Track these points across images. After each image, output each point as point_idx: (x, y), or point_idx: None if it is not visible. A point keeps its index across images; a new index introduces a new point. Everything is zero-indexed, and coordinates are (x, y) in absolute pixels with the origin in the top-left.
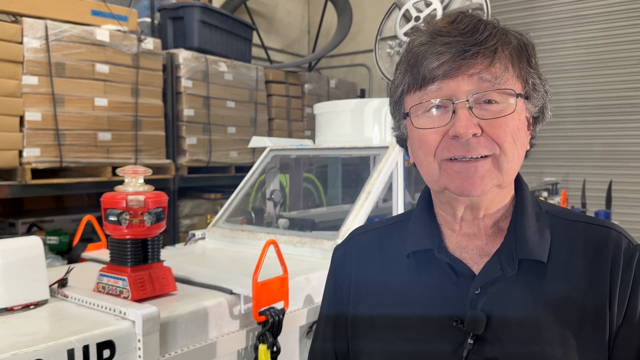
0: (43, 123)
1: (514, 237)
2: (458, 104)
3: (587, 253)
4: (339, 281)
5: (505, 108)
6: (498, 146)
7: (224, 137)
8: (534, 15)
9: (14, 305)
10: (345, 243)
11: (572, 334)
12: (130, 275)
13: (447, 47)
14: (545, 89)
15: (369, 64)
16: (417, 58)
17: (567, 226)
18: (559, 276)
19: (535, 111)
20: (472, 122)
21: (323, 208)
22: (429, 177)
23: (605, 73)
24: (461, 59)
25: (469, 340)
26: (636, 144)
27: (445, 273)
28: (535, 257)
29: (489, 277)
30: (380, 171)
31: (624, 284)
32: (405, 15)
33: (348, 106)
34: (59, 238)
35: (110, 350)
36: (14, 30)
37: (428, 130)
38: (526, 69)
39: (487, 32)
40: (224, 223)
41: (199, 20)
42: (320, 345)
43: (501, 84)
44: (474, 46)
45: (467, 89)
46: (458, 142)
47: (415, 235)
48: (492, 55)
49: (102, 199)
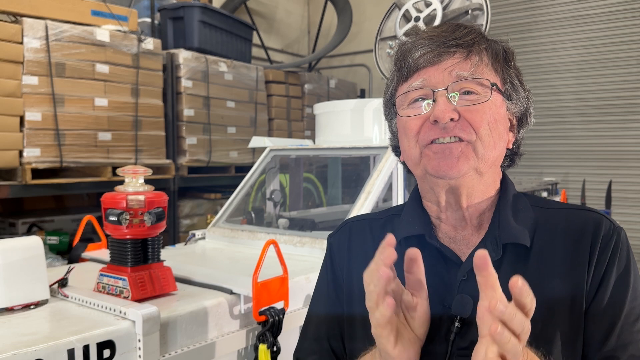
0: (43, 123)
1: (497, 224)
2: (438, 92)
3: (568, 236)
4: (335, 269)
5: (482, 97)
6: (474, 131)
7: (224, 137)
8: (534, 15)
9: (14, 305)
10: (338, 230)
11: (556, 315)
12: (130, 275)
13: (430, 40)
14: (527, 95)
15: (369, 64)
16: (404, 53)
17: (552, 214)
18: (542, 260)
19: (517, 112)
20: (450, 107)
21: (323, 208)
22: (411, 161)
23: (605, 73)
24: (442, 48)
25: (456, 324)
26: (636, 144)
27: (434, 260)
28: (519, 241)
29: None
30: (380, 171)
31: (599, 264)
32: (405, 15)
33: (348, 106)
34: (59, 238)
35: (111, 350)
36: (14, 30)
37: (412, 118)
38: (504, 66)
39: (466, 31)
40: (224, 223)
41: (199, 20)
42: (311, 345)
43: (477, 74)
44: (454, 39)
45: (446, 79)
46: (437, 126)
47: (406, 222)
48: (469, 48)
49: (102, 199)
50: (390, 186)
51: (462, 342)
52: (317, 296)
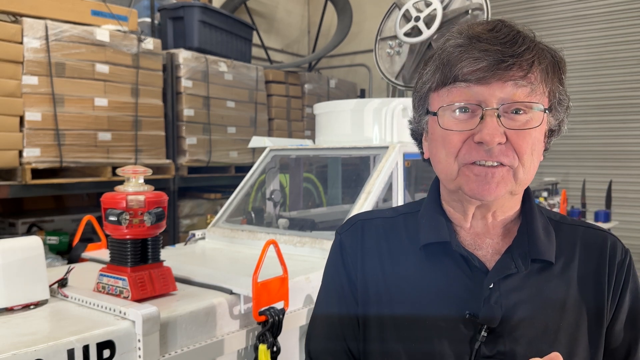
0: (43, 123)
1: (526, 238)
2: (487, 111)
3: (587, 255)
4: (348, 267)
5: (532, 120)
6: (517, 157)
7: (224, 137)
8: (534, 15)
9: (14, 305)
10: (349, 227)
11: (579, 330)
12: (130, 275)
13: (485, 54)
14: (568, 105)
15: (369, 64)
16: (450, 58)
17: (568, 230)
18: (565, 276)
19: (555, 124)
20: (499, 130)
21: (323, 208)
22: (446, 176)
23: (605, 73)
24: (497, 68)
25: (483, 333)
26: (636, 144)
27: (458, 266)
28: (545, 257)
29: (502, 273)
30: (380, 171)
31: (616, 284)
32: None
33: (348, 106)
34: (59, 238)
35: (110, 350)
36: (14, 30)
37: (453, 132)
38: (557, 85)
39: (525, 46)
40: (224, 223)
41: (199, 20)
42: (326, 345)
43: (532, 97)
44: (511, 57)
45: (498, 96)
46: (481, 148)
47: (429, 227)
48: (528, 68)
49: (102, 199)
50: (390, 186)
51: (487, 350)
52: (328, 294)
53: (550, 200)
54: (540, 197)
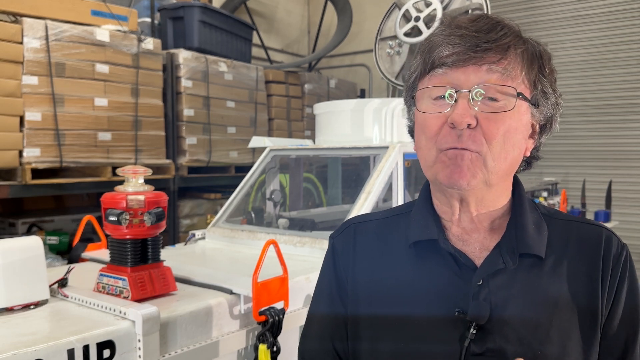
0: (43, 123)
1: (514, 233)
2: (460, 94)
3: (581, 250)
4: (339, 271)
5: (505, 106)
6: (486, 143)
7: (224, 137)
8: (534, 15)
9: (14, 305)
10: (342, 232)
11: (571, 327)
12: (130, 275)
13: (461, 39)
14: (557, 101)
15: (369, 64)
16: (431, 45)
17: (562, 225)
18: (556, 272)
19: (542, 118)
20: (470, 112)
21: (323, 208)
22: (425, 162)
23: (605, 73)
24: (472, 52)
25: (472, 330)
26: (636, 144)
27: (447, 264)
28: (535, 252)
29: (491, 269)
30: (380, 171)
31: (612, 279)
32: (405, 15)
33: (348, 106)
34: (59, 238)
35: (110, 350)
36: (14, 30)
37: (430, 115)
38: (537, 74)
39: (502, 32)
40: (224, 223)
41: (199, 20)
42: (316, 346)
43: (506, 81)
44: (487, 42)
45: (472, 80)
46: (454, 133)
47: (418, 225)
48: (503, 53)
49: (102, 199)
50: (390, 186)
51: (477, 348)
52: (320, 296)
53: (550, 200)
54: (540, 197)
